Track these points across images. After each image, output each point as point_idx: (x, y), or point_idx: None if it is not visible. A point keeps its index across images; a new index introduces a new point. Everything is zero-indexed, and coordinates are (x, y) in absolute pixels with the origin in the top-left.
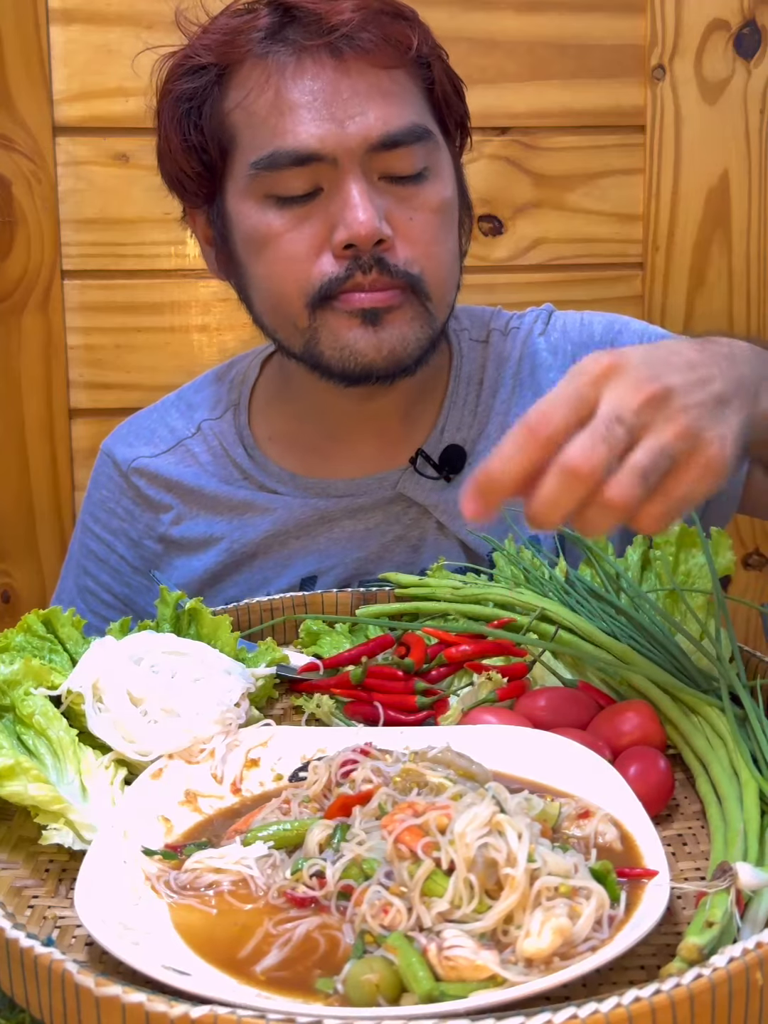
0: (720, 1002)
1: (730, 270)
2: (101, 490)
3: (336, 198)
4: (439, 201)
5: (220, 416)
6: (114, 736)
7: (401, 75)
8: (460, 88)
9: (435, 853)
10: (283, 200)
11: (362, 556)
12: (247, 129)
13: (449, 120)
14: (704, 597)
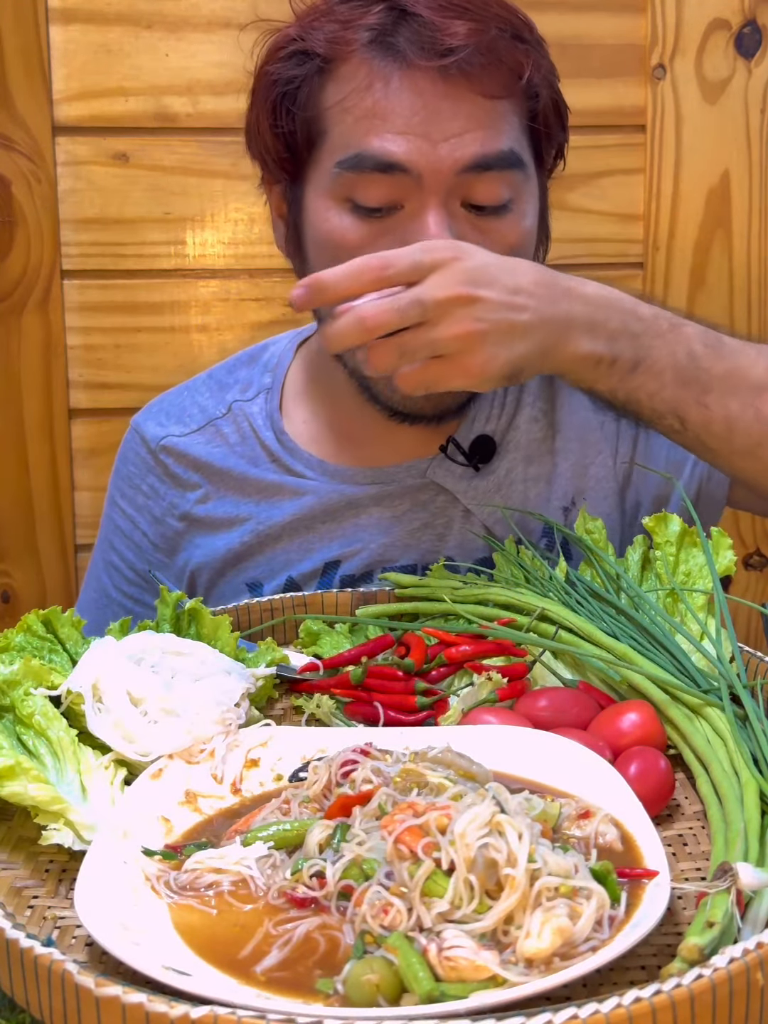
0: (721, 1002)
1: (731, 270)
2: (128, 466)
3: (415, 220)
4: (517, 237)
5: (252, 399)
6: (114, 736)
7: (506, 102)
8: (565, 115)
9: (435, 853)
10: (362, 209)
11: (387, 542)
12: (339, 127)
13: (546, 149)
14: (704, 597)
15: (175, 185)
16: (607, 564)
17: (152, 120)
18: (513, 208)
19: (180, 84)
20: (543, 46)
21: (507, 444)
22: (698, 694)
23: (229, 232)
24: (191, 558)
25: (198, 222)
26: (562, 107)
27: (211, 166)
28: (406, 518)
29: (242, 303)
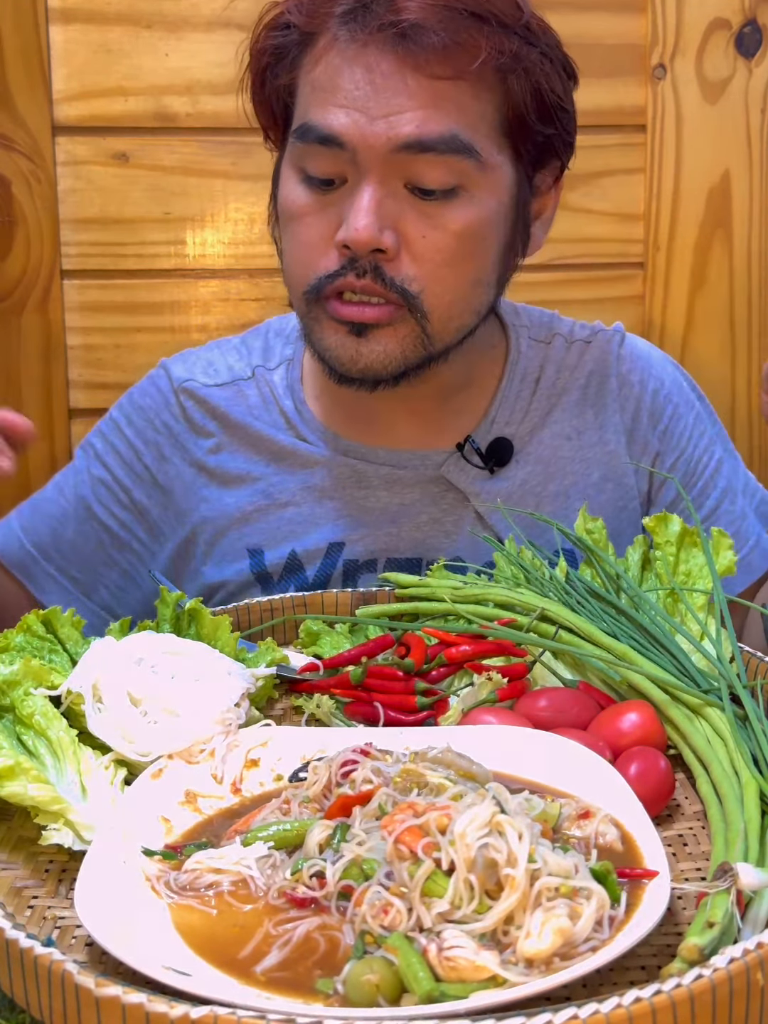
0: (721, 1002)
1: (731, 270)
2: (145, 398)
3: (351, 195)
4: (464, 224)
5: (274, 368)
6: (114, 736)
7: (465, 85)
8: (552, 109)
9: (435, 853)
10: (312, 180)
11: (394, 531)
12: (301, 98)
13: (523, 142)
14: (704, 597)
15: (175, 185)
16: (607, 564)
17: (152, 120)
18: (460, 195)
19: (180, 84)
20: (532, 31)
21: (527, 454)
22: (698, 694)
23: (229, 232)
24: (196, 510)
25: (198, 222)
26: (548, 100)
27: (211, 166)
28: (414, 509)
29: (242, 303)
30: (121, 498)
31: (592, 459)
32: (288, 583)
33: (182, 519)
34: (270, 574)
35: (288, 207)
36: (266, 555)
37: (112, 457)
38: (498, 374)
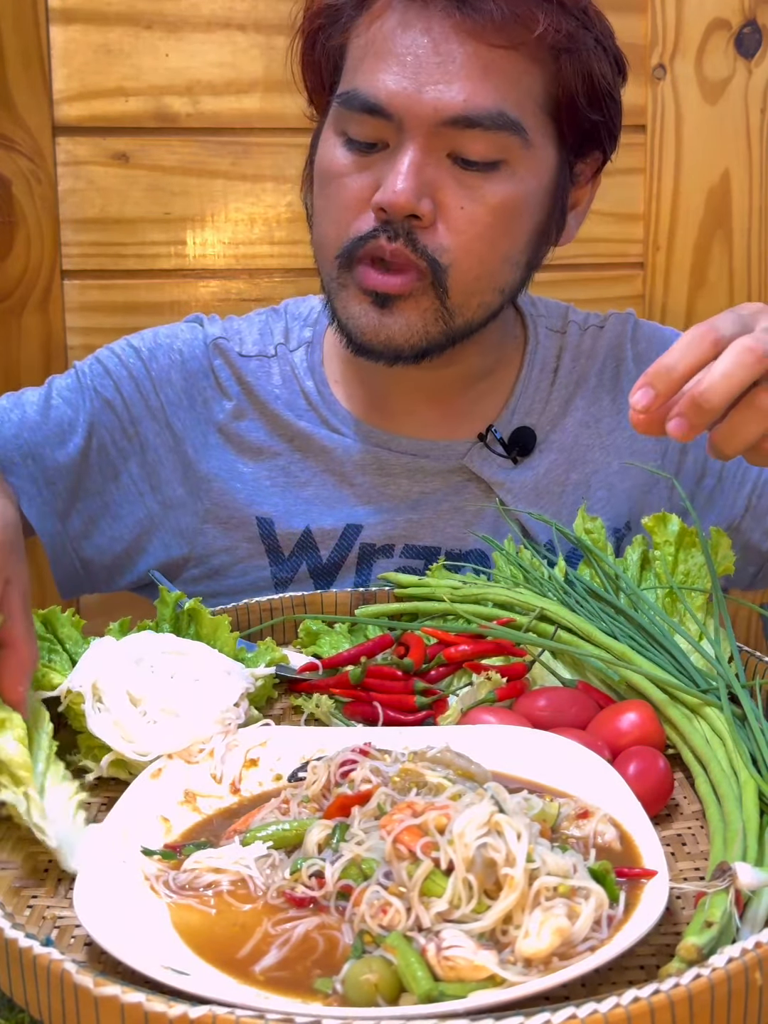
0: (719, 1002)
1: (731, 270)
2: (176, 340)
3: (392, 159)
4: (502, 198)
5: (294, 349)
6: (114, 736)
7: (518, 57)
8: (601, 95)
9: (434, 853)
10: (352, 142)
11: (414, 518)
12: (351, 61)
13: (570, 124)
14: (703, 597)
15: (175, 185)
16: (606, 564)
17: (152, 120)
18: (503, 170)
19: (180, 84)
20: (588, 16)
21: (551, 443)
22: (697, 694)
23: (229, 232)
24: (204, 464)
25: (198, 222)
26: (598, 86)
27: (211, 166)
28: (435, 497)
29: (242, 303)
30: (127, 427)
31: (611, 446)
32: (300, 560)
33: (188, 470)
34: (281, 548)
35: (326, 168)
36: (275, 525)
37: (128, 383)
38: (518, 363)
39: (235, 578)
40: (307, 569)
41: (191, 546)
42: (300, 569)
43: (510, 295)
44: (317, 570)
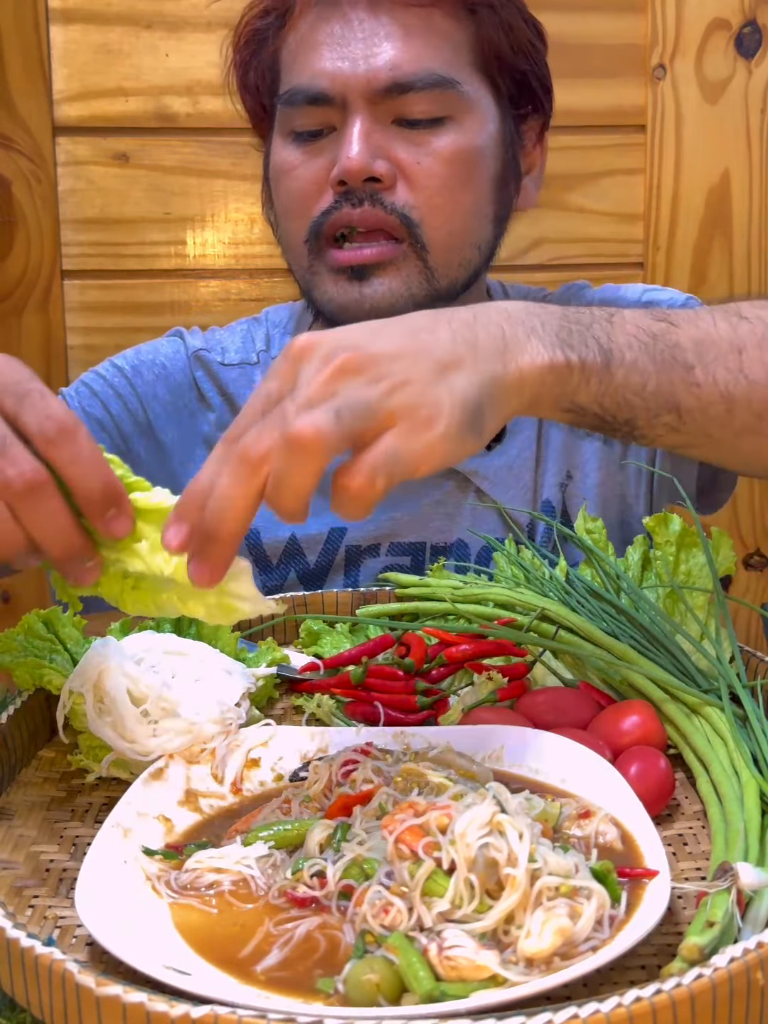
0: (721, 1002)
1: (731, 270)
2: (158, 355)
3: (340, 136)
4: (454, 149)
5: (276, 356)
6: (115, 736)
7: (438, 16)
8: (523, 46)
9: (436, 853)
10: (300, 136)
11: (397, 516)
12: (284, 69)
13: (500, 77)
14: (704, 597)
15: (175, 185)
16: (607, 564)
17: (152, 120)
18: (448, 124)
19: (180, 84)
20: None
21: (520, 426)
22: (698, 694)
23: (229, 232)
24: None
25: (198, 222)
26: (519, 36)
27: (211, 166)
28: (416, 494)
29: (242, 303)
30: (119, 444)
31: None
32: (288, 568)
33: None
34: (268, 556)
35: (280, 168)
36: (262, 535)
37: (115, 402)
38: None
39: None
40: (296, 575)
41: None
42: (289, 576)
43: (486, 252)
44: (305, 575)
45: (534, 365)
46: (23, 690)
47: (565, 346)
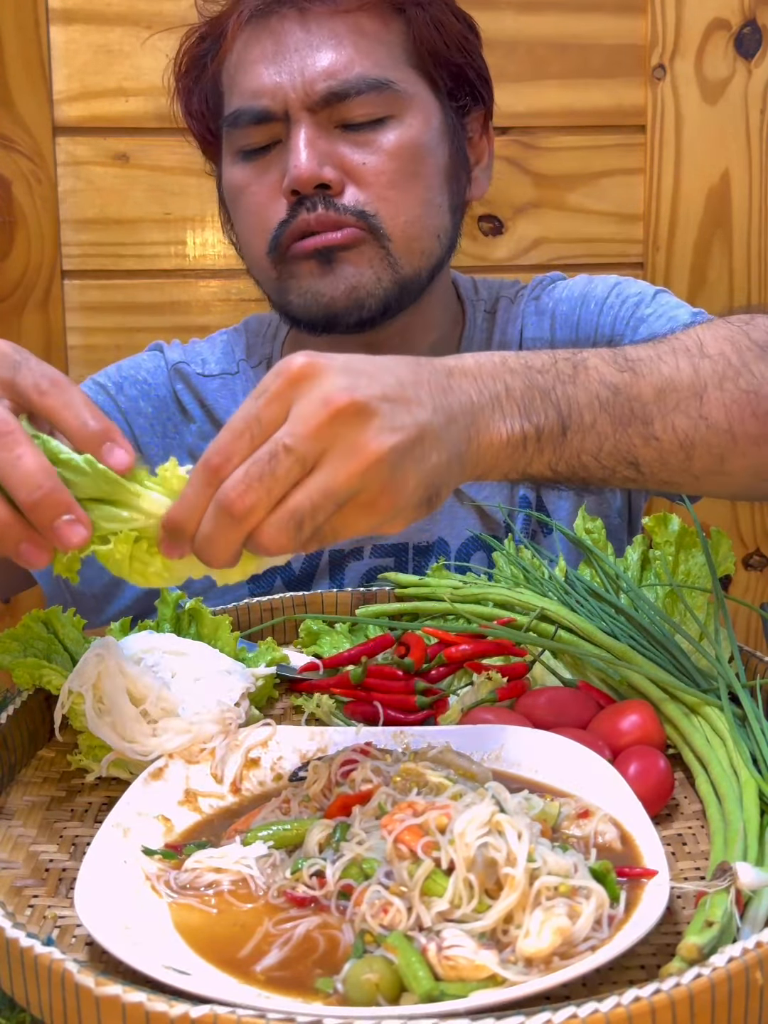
0: (720, 1002)
1: (731, 270)
2: (140, 371)
3: (286, 147)
4: (398, 144)
5: (256, 365)
6: (114, 736)
7: (366, 20)
8: (457, 40)
9: (435, 853)
10: (248, 154)
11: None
12: (226, 91)
13: (437, 72)
14: (704, 597)
15: (175, 185)
16: (606, 564)
17: (152, 120)
18: (389, 122)
19: None
20: None
21: None
22: (697, 694)
23: None
24: None
25: (198, 222)
26: (453, 30)
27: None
28: None
29: (242, 303)
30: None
31: None
32: (273, 575)
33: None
34: None
35: (234, 187)
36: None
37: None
38: (455, 351)
39: (214, 600)
40: (281, 582)
41: None
42: (275, 583)
43: (446, 242)
44: (291, 582)
45: (492, 444)
46: (23, 690)
47: (524, 417)
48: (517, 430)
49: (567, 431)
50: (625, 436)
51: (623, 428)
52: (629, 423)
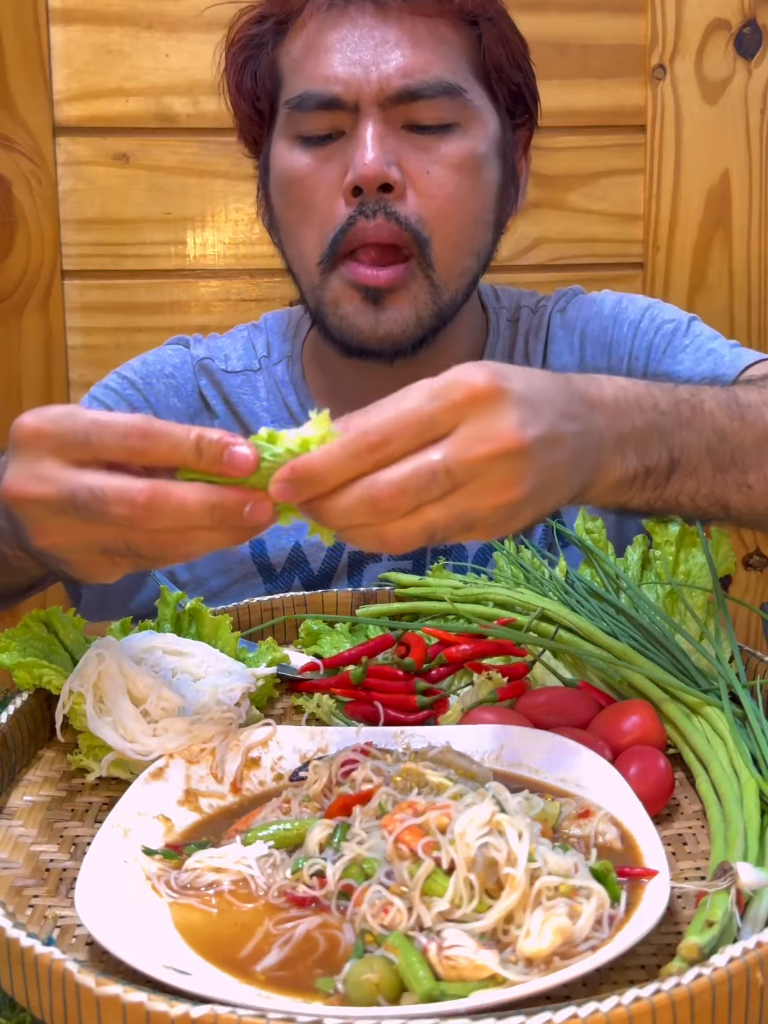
0: (720, 1002)
1: (731, 270)
2: (165, 365)
3: (352, 140)
4: (461, 156)
5: (277, 363)
6: (114, 736)
7: (443, 26)
8: (517, 58)
9: (435, 853)
10: (308, 140)
11: None
12: (289, 73)
13: (499, 87)
14: (704, 597)
15: (175, 185)
16: (607, 564)
17: (152, 120)
18: (456, 130)
19: (180, 84)
20: None
21: None
22: (697, 694)
23: (229, 232)
24: None
25: (198, 222)
26: (512, 47)
27: (211, 166)
28: None
29: (242, 303)
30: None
31: None
32: (292, 576)
33: None
34: (272, 565)
35: (287, 174)
36: (267, 544)
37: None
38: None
39: (231, 599)
40: (300, 582)
41: (190, 571)
42: (293, 583)
43: (484, 259)
44: (310, 583)
45: (606, 481)
46: (23, 690)
47: (640, 457)
48: (631, 469)
49: (673, 473)
50: (722, 482)
51: (722, 474)
52: (728, 470)
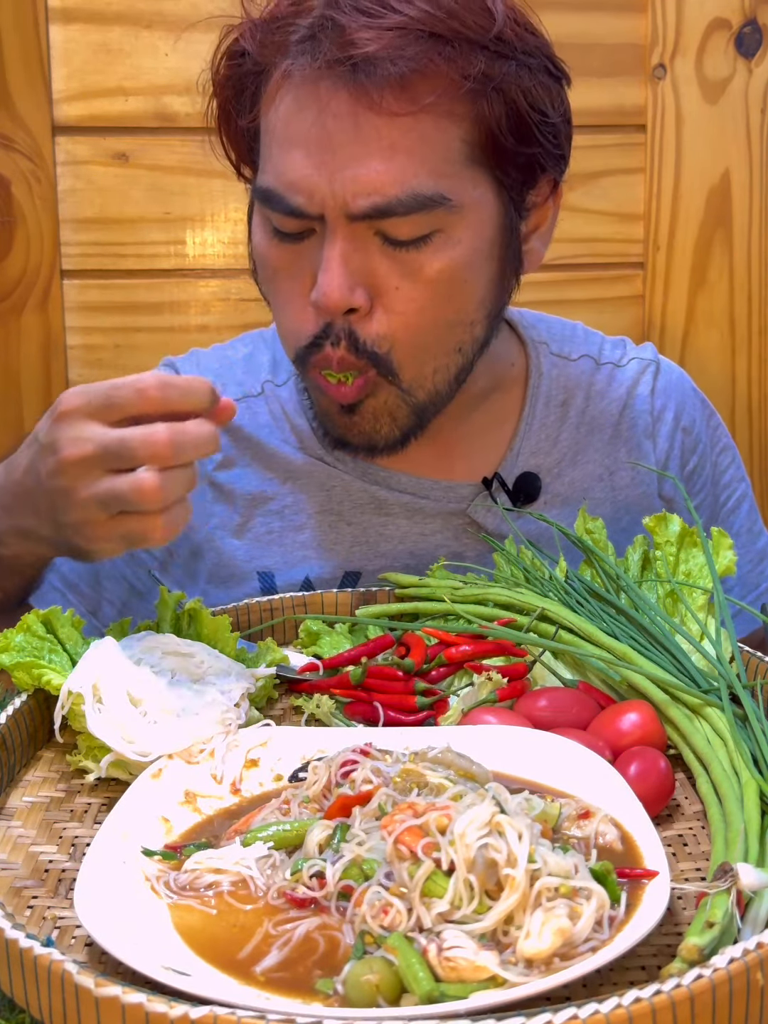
0: (720, 1003)
1: (731, 270)
2: None
3: (320, 248)
4: (439, 268)
5: (282, 384)
6: (114, 737)
7: (428, 118)
8: (532, 126)
9: (435, 854)
10: (281, 234)
11: (412, 564)
12: (263, 144)
13: (502, 168)
14: (704, 597)
15: (175, 185)
16: (607, 564)
17: (152, 120)
18: (437, 238)
19: (180, 84)
20: (504, 41)
21: (556, 494)
22: (698, 694)
23: (229, 232)
24: (204, 526)
25: (198, 222)
26: (528, 117)
27: (211, 166)
28: (435, 540)
29: (242, 303)
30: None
31: (622, 502)
32: None
33: (188, 533)
34: None
35: (263, 260)
36: (276, 578)
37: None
38: (520, 397)
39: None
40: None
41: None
42: None
43: (473, 351)
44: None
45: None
46: (22, 691)
47: None
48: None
49: None
50: None
51: None
52: None
